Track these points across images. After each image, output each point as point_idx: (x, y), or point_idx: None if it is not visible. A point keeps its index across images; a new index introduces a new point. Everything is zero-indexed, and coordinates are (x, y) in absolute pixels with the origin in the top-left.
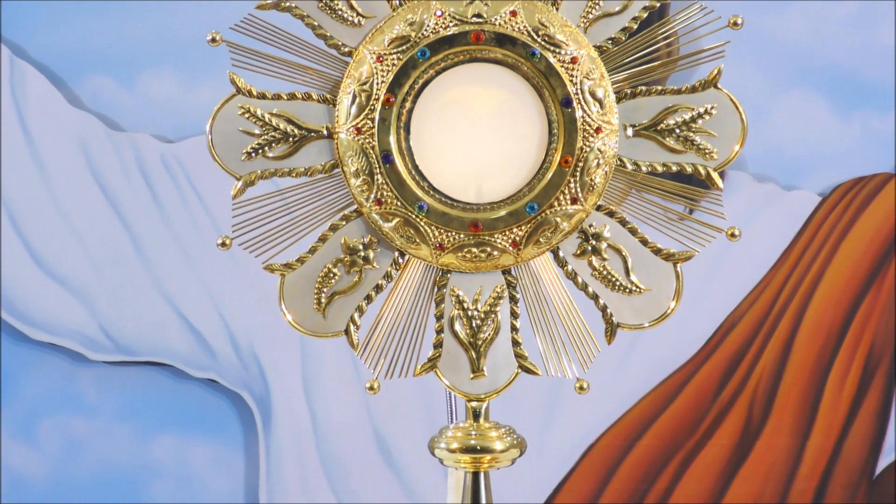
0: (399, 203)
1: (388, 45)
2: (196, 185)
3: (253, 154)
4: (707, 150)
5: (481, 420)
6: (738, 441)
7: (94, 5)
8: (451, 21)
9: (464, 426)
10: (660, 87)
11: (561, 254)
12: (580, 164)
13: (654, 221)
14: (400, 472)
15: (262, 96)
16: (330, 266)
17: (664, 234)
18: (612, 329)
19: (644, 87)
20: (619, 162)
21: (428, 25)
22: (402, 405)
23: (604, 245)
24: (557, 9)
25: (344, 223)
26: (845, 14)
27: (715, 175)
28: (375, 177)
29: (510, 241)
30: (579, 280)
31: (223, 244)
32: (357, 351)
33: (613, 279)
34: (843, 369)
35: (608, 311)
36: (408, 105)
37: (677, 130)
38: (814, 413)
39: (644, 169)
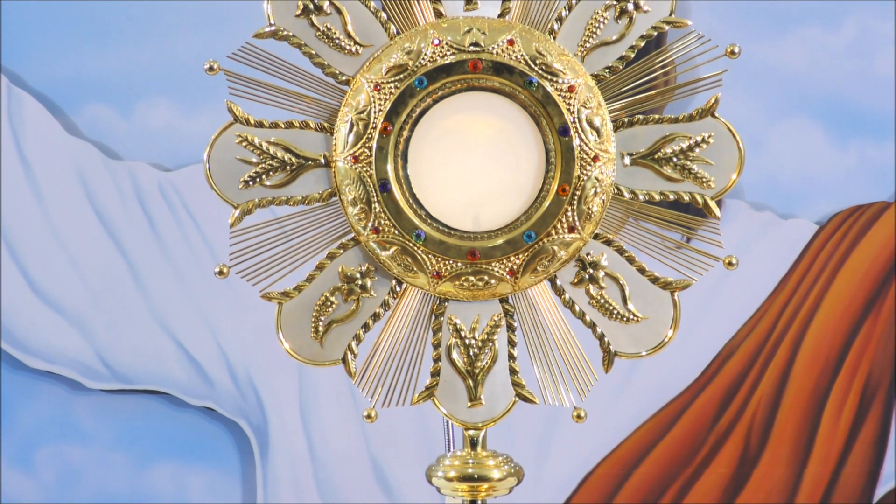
0: (396, 231)
1: (386, 74)
2: (193, 213)
3: (250, 182)
4: (704, 179)
5: (479, 448)
6: (736, 470)
7: (91, 34)
8: (448, 50)
9: (461, 454)
10: (657, 116)
11: (558, 282)
12: (577, 193)
13: (652, 250)
14: (397, 500)
15: (260, 125)
16: (327, 294)
17: (661, 262)
18: (609, 357)
19: (641, 116)
20: (616, 190)
21: (425, 54)
22: (400, 433)
23: (601, 273)
24: (555, 38)
25: (341, 252)
26: (843, 43)
27: (712, 204)
28: (373, 205)
29: (507, 269)
30: (577, 308)
31: (221, 273)
32: (354, 379)
33: (611, 308)
34: (841, 398)
35: (605, 339)
36: (405, 133)
37: (675, 159)
38: (811, 441)
39: (641, 197)
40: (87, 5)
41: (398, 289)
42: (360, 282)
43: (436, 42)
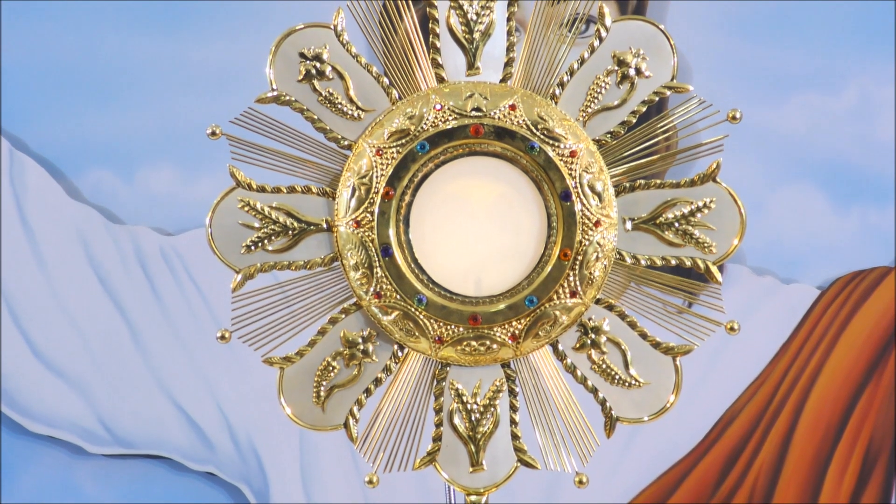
0: (398, 296)
1: (388, 139)
2: (195, 277)
3: (252, 247)
4: (706, 244)
5: None
6: None
7: (93, 99)
8: (450, 115)
9: None
10: (659, 181)
11: (560, 347)
12: (579, 258)
13: (654, 315)
14: None
15: (262, 189)
16: (329, 359)
17: (663, 327)
18: (611, 423)
19: (643, 181)
20: (618, 255)
21: (427, 119)
22: (402, 499)
23: (603, 338)
24: (556, 103)
25: (343, 316)
26: (844, 108)
27: (714, 269)
28: (375, 270)
29: (509, 334)
30: (578, 373)
31: (222, 337)
32: (356, 444)
33: (613, 373)
34: (843, 463)
35: (607, 404)
36: (407, 198)
37: (676, 224)
38: None
39: (643, 262)
40: (88, 70)
41: (400, 353)
42: (361, 346)
43: (438, 107)
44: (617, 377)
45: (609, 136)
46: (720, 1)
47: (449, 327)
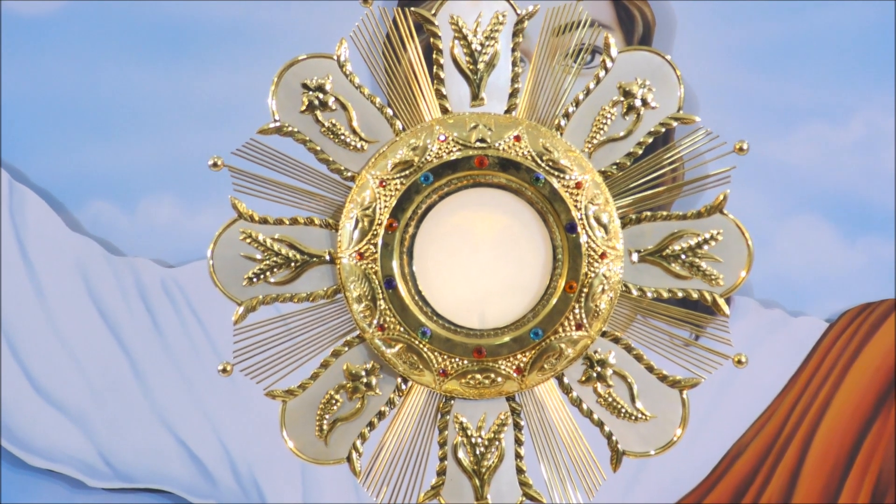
0: (402, 329)
1: (392, 170)
2: (197, 310)
3: (254, 279)
4: (713, 276)
5: None
6: None
7: (94, 130)
8: (454, 146)
9: None
10: (665, 213)
11: (566, 380)
12: (585, 290)
13: (660, 348)
14: None
15: (264, 221)
16: (332, 392)
17: (670, 360)
18: (617, 456)
19: (649, 213)
20: (624, 287)
21: (431, 150)
22: None
23: (609, 371)
24: (562, 134)
25: (346, 349)
26: (851, 140)
27: (721, 301)
28: (378, 302)
29: (514, 367)
30: (584, 407)
31: (224, 370)
32: (359, 478)
33: (619, 406)
34: (852, 497)
35: (614, 438)
36: (411, 230)
37: (683, 256)
38: None
39: (649, 295)
40: (89, 102)
41: (404, 386)
42: (365, 379)
43: (442, 138)
44: (623, 410)
45: (615, 167)
46: (727, 32)
47: (453, 360)
